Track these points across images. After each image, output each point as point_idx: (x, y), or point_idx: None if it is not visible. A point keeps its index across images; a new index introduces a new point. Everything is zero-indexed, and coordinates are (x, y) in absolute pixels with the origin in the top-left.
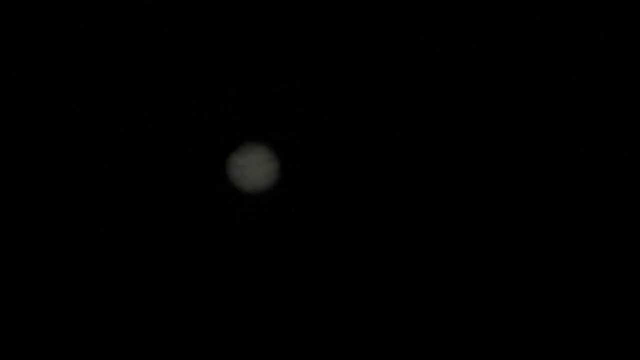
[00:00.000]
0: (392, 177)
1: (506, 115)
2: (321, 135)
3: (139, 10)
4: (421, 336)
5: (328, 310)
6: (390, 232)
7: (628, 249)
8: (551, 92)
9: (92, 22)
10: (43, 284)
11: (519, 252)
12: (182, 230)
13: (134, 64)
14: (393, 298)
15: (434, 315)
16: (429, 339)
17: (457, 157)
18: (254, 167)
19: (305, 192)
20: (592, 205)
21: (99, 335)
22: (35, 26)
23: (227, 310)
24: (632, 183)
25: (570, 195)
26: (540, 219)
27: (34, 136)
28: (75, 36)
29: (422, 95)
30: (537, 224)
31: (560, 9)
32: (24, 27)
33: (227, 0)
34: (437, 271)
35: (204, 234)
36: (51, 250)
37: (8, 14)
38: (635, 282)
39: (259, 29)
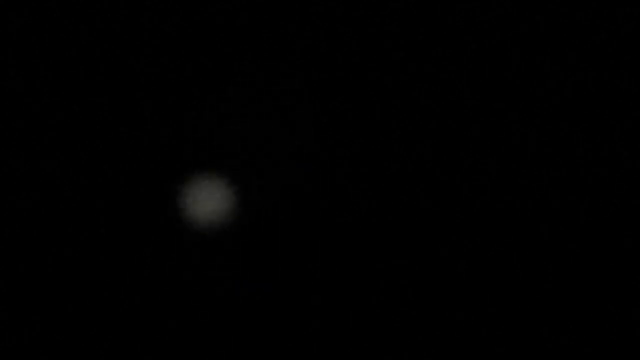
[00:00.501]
0: (390, 178)
1: (506, 115)
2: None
3: (139, 10)
4: (421, 336)
5: (328, 310)
6: (390, 232)
7: (628, 249)
8: (551, 92)
9: (92, 22)
10: (43, 284)
11: (519, 252)
12: (180, 229)
13: (133, 64)
14: (393, 298)
15: (434, 315)
16: (429, 339)
17: (457, 157)
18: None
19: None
20: (592, 205)
21: (99, 336)
22: (35, 26)
23: (227, 310)
24: (632, 183)
25: (570, 195)
26: (540, 219)
27: (33, 136)
28: (75, 36)
29: (422, 95)
30: (537, 224)
31: (560, 9)
32: (24, 27)
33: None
34: (437, 271)
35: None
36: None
37: (8, 14)
38: (635, 282)
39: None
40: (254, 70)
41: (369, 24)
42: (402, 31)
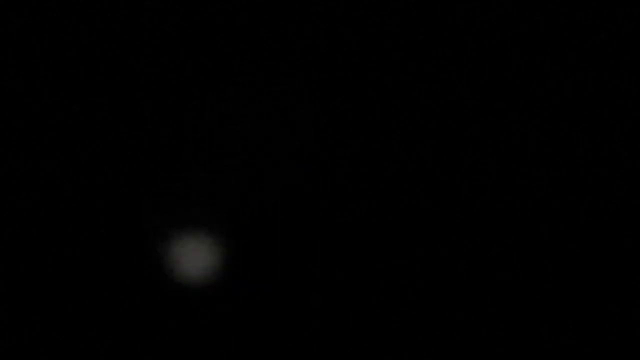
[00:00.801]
0: (390, 178)
1: (506, 115)
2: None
3: (139, 10)
4: (421, 336)
5: (328, 310)
6: (390, 232)
7: (628, 249)
8: (551, 92)
9: (92, 22)
10: (42, 284)
11: (519, 252)
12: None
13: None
14: (393, 298)
15: (434, 315)
16: (429, 339)
17: (457, 157)
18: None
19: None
20: (592, 205)
21: (99, 336)
22: (35, 26)
23: (227, 310)
24: (632, 183)
25: (570, 195)
26: (540, 219)
27: (33, 136)
28: (75, 36)
29: (422, 95)
30: (537, 224)
31: (560, 9)
32: (24, 27)
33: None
34: (437, 271)
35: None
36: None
37: (8, 14)
38: (635, 282)
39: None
40: (253, 70)
41: (369, 24)
42: (402, 31)
